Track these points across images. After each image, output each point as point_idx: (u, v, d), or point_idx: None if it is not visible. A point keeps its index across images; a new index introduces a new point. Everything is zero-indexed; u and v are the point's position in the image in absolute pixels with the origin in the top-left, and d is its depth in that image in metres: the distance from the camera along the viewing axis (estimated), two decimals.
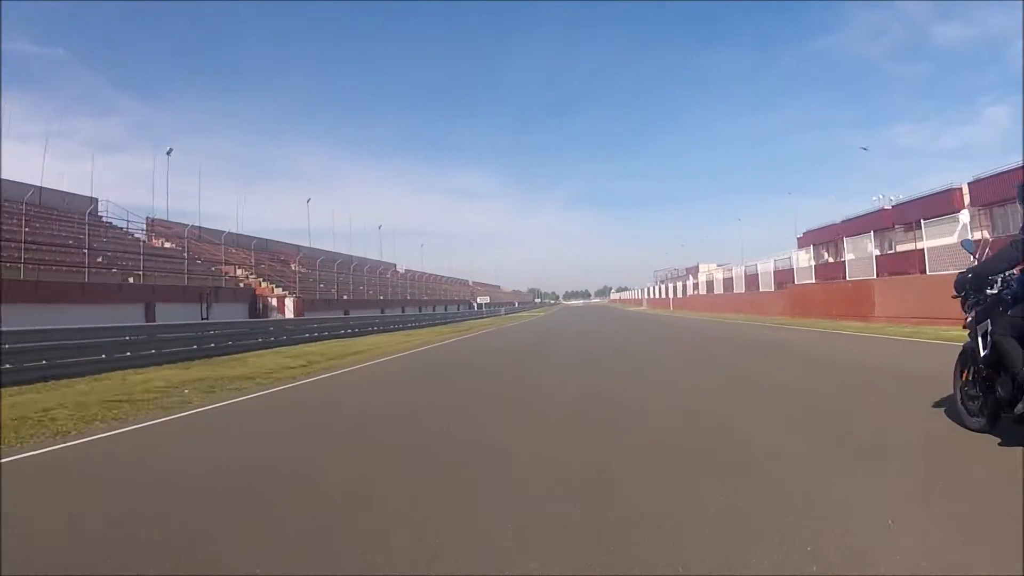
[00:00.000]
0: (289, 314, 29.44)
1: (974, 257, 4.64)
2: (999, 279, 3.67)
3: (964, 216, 30.66)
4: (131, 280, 22.67)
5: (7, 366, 8.67)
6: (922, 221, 20.30)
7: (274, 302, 28.88)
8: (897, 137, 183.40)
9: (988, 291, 3.73)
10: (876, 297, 19.55)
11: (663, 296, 65.73)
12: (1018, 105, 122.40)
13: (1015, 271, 3.62)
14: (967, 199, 33.51)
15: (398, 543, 2.42)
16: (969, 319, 3.92)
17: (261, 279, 31.73)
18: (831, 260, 37.96)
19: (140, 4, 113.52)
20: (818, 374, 7.88)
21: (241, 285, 27.65)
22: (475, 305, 62.05)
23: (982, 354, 3.63)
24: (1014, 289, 3.51)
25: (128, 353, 11.66)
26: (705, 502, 2.76)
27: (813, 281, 24.40)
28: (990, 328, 3.54)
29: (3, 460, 4.21)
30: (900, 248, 37.76)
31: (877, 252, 25.68)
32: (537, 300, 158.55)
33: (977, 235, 24.33)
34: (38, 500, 3.32)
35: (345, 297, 35.35)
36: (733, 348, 12.86)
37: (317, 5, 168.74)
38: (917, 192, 37.43)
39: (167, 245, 34.50)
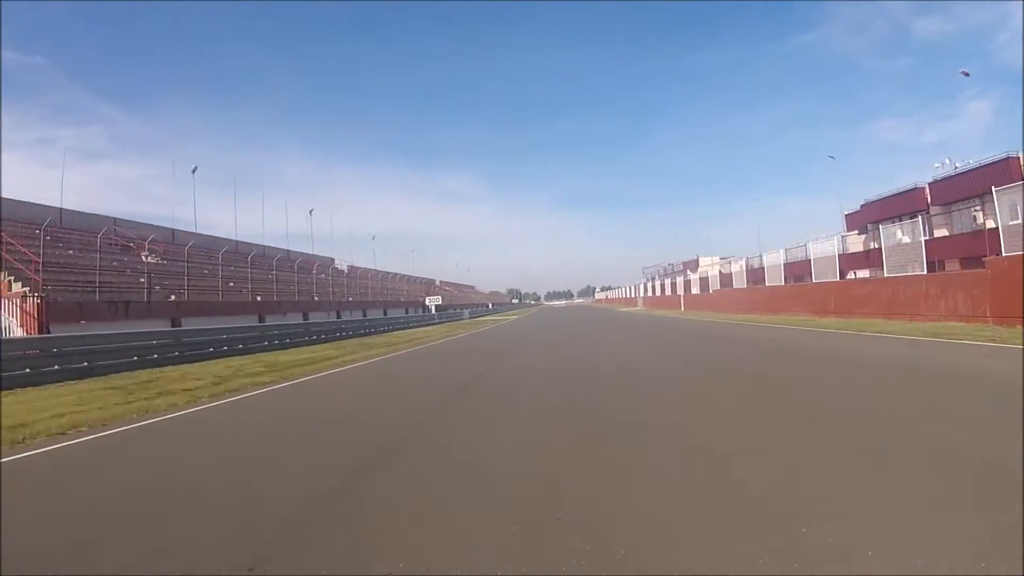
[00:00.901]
0: (16, 331, 15.36)
1: None
2: None
3: None
4: None
5: None
6: None
7: None
8: (879, 132, 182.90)
9: None
10: None
11: (664, 293, 52.72)
12: (1002, 99, 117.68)
13: None
14: None
15: None
16: None
17: None
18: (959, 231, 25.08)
19: (118, 6, 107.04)
20: None
21: None
22: (431, 308, 48.04)
23: None
24: None
25: None
26: None
27: None
28: None
29: None
30: None
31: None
32: (515, 301, 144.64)
33: None
34: None
35: (174, 298, 21.15)
36: None
37: (297, 6, 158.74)
38: None
39: None
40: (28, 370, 10.16)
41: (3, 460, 4.64)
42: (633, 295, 75.20)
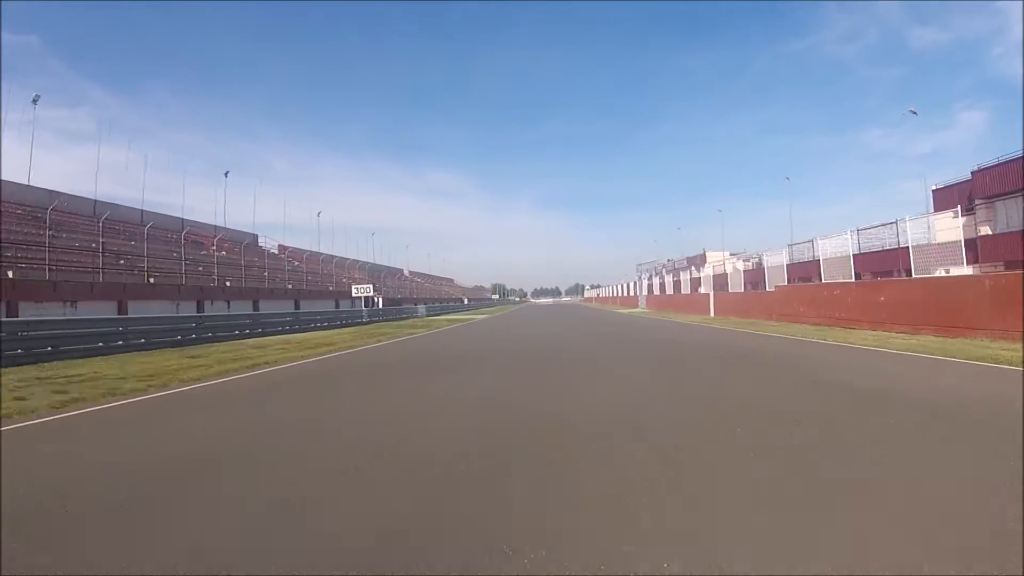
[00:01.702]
0: None
1: None
2: None
3: None
4: None
5: None
6: None
7: None
8: (871, 141, 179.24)
9: None
10: None
11: (679, 291, 40.87)
12: (996, 110, 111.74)
13: None
14: None
15: None
16: None
17: None
18: None
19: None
20: None
21: None
22: (367, 300, 35.72)
23: None
24: None
25: None
26: None
27: None
28: None
29: None
30: None
31: None
32: (495, 297, 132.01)
33: None
34: None
35: None
36: None
37: (290, 5, 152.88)
38: None
39: None
40: None
41: None
42: (632, 293, 63.38)
